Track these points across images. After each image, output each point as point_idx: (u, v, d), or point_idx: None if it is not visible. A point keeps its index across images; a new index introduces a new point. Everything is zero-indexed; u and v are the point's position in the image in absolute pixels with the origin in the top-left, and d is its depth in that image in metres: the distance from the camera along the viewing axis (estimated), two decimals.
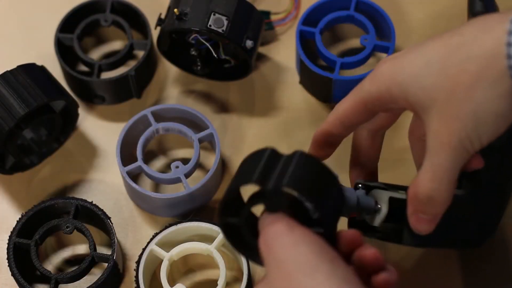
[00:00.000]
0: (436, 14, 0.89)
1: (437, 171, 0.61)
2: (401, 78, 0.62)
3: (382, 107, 0.65)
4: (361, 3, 0.84)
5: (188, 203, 0.79)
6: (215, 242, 0.75)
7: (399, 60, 0.63)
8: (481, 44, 0.59)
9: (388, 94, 0.63)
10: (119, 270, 0.76)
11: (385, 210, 0.69)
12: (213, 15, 0.79)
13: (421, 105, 0.61)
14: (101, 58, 0.88)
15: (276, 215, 0.59)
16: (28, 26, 0.90)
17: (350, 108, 0.66)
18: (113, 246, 0.75)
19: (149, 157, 0.83)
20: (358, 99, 0.66)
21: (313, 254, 0.57)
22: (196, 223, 0.76)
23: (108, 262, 0.75)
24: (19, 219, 0.76)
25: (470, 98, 0.59)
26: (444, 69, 0.60)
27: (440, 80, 0.60)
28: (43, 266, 0.75)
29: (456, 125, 0.60)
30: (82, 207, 0.77)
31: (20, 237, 0.76)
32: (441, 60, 0.61)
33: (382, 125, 0.71)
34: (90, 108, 0.86)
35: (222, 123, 0.85)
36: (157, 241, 0.75)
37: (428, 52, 0.62)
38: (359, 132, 0.72)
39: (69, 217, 0.77)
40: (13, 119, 0.76)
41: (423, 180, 0.62)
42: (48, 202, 0.77)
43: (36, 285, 0.77)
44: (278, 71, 0.87)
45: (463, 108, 0.59)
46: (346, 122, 0.67)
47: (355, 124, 0.68)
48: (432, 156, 0.61)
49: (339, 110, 0.67)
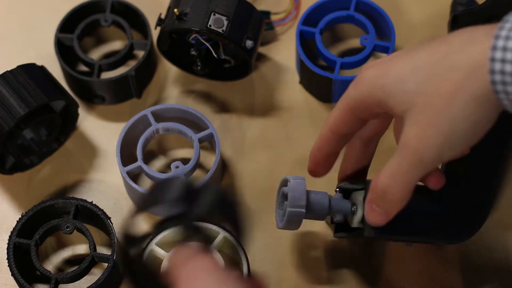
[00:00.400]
0: (436, 14, 0.89)
1: (395, 171, 0.63)
2: (384, 81, 0.63)
3: (368, 112, 0.66)
4: (361, 3, 0.84)
5: None
6: (215, 242, 0.75)
7: (385, 65, 0.64)
8: (467, 55, 0.59)
9: (371, 98, 0.64)
10: (119, 270, 0.76)
11: (361, 212, 0.69)
12: (213, 15, 0.79)
13: (400, 107, 0.62)
14: (101, 58, 0.88)
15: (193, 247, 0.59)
16: (28, 26, 0.90)
17: (339, 116, 0.67)
18: (113, 246, 0.75)
19: (149, 157, 0.83)
20: (345, 106, 0.67)
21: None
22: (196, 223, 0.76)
23: (108, 262, 0.75)
24: (19, 219, 0.76)
25: (449, 106, 0.59)
26: (429, 76, 0.61)
27: (423, 86, 0.61)
28: (43, 266, 0.75)
29: (429, 132, 0.60)
30: (82, 207, 0.77)
31: (20, 237, 0.76)
32: (427, 67, 0.61)
33: (374, 132, 0.71)
34: (90, 108, 0.86)
35: (222, 123, 0.85)
36: (157, 241, 0.75)
37: (416, 58, 0.62)
38: (352, 142, 0.72)
39: (69, 217, 0.77)
40: (13, 119, 0.76)
41: (382, 174, 0.63)
42: (48, 202, 0.77)
43: (36, 285, 0.77)
44: (278, 71, 0.87)
45: (439, 116, 0.60)
46: (338, 132, 0.68)
47: (346, 133, 0.69)
48: (397, 155, 0.62)
49: (330, 120, 0.68)
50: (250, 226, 0.80)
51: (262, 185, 0.81)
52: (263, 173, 0.82)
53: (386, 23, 0.84)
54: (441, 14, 0.89)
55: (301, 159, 0.80)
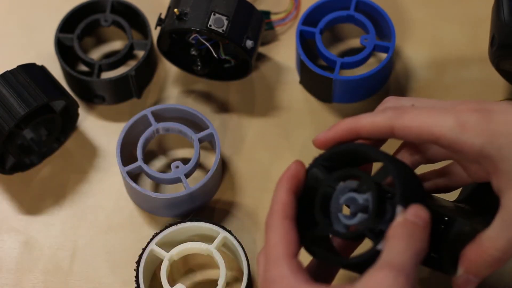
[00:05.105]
0: (436, 14, 0.89)
1: (504, 246, 0.60)
2: (502, 141, 0.60)
3: (450, 150, 0.62)
4: (361, 3, 0.84)
5: (188, 203, 0.79)
6: (215, 242, 0.75)
7: (491, 116, 0.60)
8: None
9: (475, 149, 0.60)
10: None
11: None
12: (213, 15, 0.79)
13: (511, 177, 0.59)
14: (101, 58, 0.88)
15: None
16: (28, 26, 0.90)
17: (416, 127, 0.62)
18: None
19: (149, 157, 0.83)
20: (419, 127, 0.62)
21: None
22: (196, 223, 0.76)
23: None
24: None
25: None
26: None
27: None
28: None
29: None
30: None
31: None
32: None
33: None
34: (90, 108, 0.86)
35: (222, 123, 0.85)
36: (157, 241, 0.75)
37: None
38: None
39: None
40: (13, 119, 0.76)
41: (490, 248, 0.60)
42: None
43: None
44: (278, 71, 0.87)
45: None
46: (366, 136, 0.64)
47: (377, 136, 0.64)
48: (502, 228, 0.60)
49: (367, 123, 0.64)
50: (250, 226, 0.80)
51: (262, 185, 0.81)
52: (263, 173, 0.82)
53: (386, 23, 0.84)
54: (441, 14, 0.89)
55: (301, 159, 0.80)
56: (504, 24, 0.75)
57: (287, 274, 0.59)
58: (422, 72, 0.86)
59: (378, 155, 0.62)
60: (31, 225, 0.81)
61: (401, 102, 0.66)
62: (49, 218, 0.81)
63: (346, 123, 0.64)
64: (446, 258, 0.63)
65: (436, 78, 0.86)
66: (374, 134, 0.63)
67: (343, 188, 0.63)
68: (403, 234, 0.58)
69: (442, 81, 0.86)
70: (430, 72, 0.86)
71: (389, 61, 0.82)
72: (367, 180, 0.62)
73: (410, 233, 0.58)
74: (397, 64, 0.87)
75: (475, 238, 0.61)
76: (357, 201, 0.62)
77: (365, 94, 0.85)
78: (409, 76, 0.86)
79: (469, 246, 0.62)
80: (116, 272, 0.79)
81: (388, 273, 0.56)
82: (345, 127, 0.64)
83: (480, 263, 0.61)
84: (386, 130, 0.62)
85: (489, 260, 0.60)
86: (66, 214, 0.81)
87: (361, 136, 0.64)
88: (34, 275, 0.79)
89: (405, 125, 0.62)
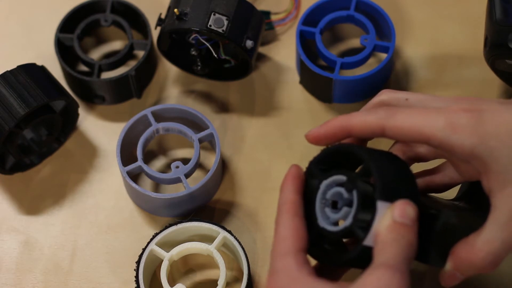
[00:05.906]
0: (436, 14, 0.89)
1: (495, 250, 0.60)
2: (494, 144, 0.60)
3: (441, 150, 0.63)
4: (361, 3, 0.84)
5: (188, 203, 0.79)
6: (215, 242, 0.75)
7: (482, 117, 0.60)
8: None
9: (465, 149, 0.60)
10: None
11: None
12: (213, 15, 0.79)
13: (504, 176, 0.59)
14: (101, 58, 0.88)
15: None
16: (28, 26, 0.90)
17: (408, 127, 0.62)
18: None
19: (149, 157, 0.83)
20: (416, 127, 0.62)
21: None
22: (196, 223, 0.76)
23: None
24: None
25: None
26: None
27: None
28: None
29: None
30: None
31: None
32: None
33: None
34: (90, 108, 0.86)
35: (222, 123, 0.85)
36: (157, 241, 0.75)
37: None
38: None
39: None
40: (13, 119, 0.76)
41: (480, 251, 0.60)
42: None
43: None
44: (278, 71, 0.87)
45: None
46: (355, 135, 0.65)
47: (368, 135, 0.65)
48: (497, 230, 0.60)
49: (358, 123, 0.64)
50: (250, 226, 0.80)
51: (262, 185, 0.81)
52: (263, 173, 0.82)
53: (386, 23, 0.84)
54: (441, 14, 0.89)
55: (301, 159, 0.80)
56: (496, 23, 0.75)
57: (292, 266, 0.60)
58: (422, 72, 0.86)
59: (360, 152, 0.63)
60: (31, 225, 0.81)
61: (396, 95, 0.66)
62: (49, 218, 0.81)
63: (338, 120, 0.65)
64: (434, 250, 0.64)
65: (436, 78, 0.86)
66: (365, 134, 0.64)
67: (330, 183, 0.64)
68: (392, 239, 0.60)
69: (442, 81, 0.86)
70: (430, 72, 0.86)
71: (389, 61, 0.82)
72: (351, 176, 0.63)
73: (399, 236, 0.60)
74: (397, 64, 0.87)
75: (468, 238, 0.61)
76: (343, 195, 0.63)
77: (365, 94, 0.85)
78: (409, 76, 0.86)
79: (461, 244, 0.62)
80: (116, 272, 0.79)
81: (385, 272, 0.58)
82: (337, 124, 0.65)
83: (469, 264, 0.61)
84: (377, 130, 0.63)
85: (480, 263, 0.61)
86: (66, 214, 0.81)
87: (352, 134, 0.65)
88: (34, 275, 0.79)
89: (396, 125, 0.62)
